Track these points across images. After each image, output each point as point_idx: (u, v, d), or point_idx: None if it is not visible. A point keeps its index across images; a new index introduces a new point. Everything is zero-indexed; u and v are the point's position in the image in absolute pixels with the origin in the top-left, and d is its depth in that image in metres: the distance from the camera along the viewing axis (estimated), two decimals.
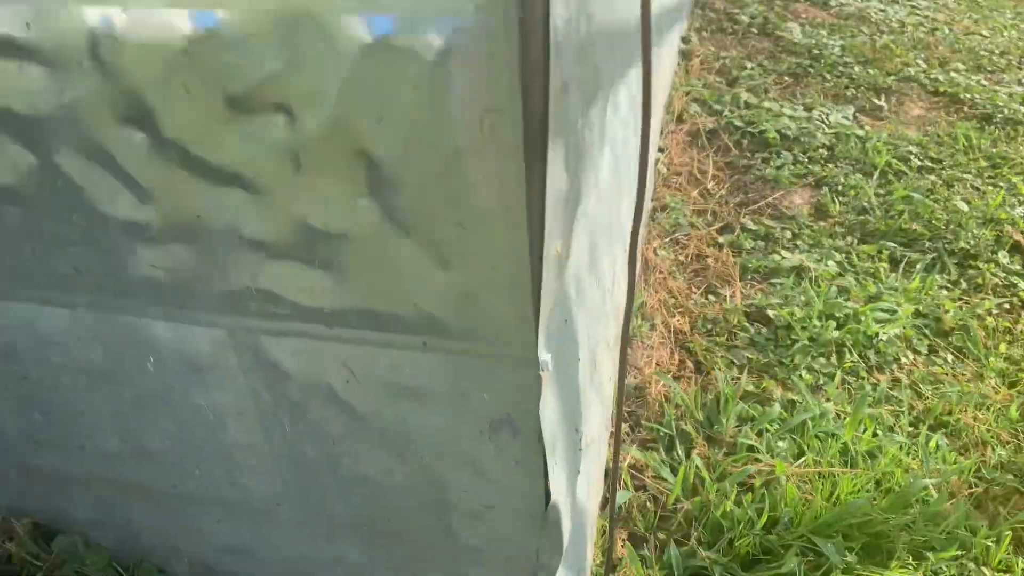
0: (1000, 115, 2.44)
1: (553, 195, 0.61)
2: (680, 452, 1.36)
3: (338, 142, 0.59)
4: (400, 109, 0.56)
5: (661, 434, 1.40)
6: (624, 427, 1.40)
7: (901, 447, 1.35)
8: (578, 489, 0.93)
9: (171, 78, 0.59)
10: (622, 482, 1.32)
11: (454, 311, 0.67)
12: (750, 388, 1.49)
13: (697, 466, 1.32)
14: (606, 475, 1.31)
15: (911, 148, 2.22)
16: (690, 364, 1.55)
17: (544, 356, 0.70)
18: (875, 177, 2.11)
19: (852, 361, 1.55)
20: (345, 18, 0.54)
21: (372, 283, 0.67)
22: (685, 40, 2.77)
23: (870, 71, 2.68)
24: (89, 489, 1.04)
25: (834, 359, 1.56)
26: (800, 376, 1.51)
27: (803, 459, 1.32)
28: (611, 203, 1.09)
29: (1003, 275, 1.80)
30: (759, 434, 1.39)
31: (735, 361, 1.56)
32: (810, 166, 2.16)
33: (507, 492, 0.81)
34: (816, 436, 1.36)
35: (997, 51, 2.96)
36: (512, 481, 0.80)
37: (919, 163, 2.16)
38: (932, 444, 1.37)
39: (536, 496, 0.80)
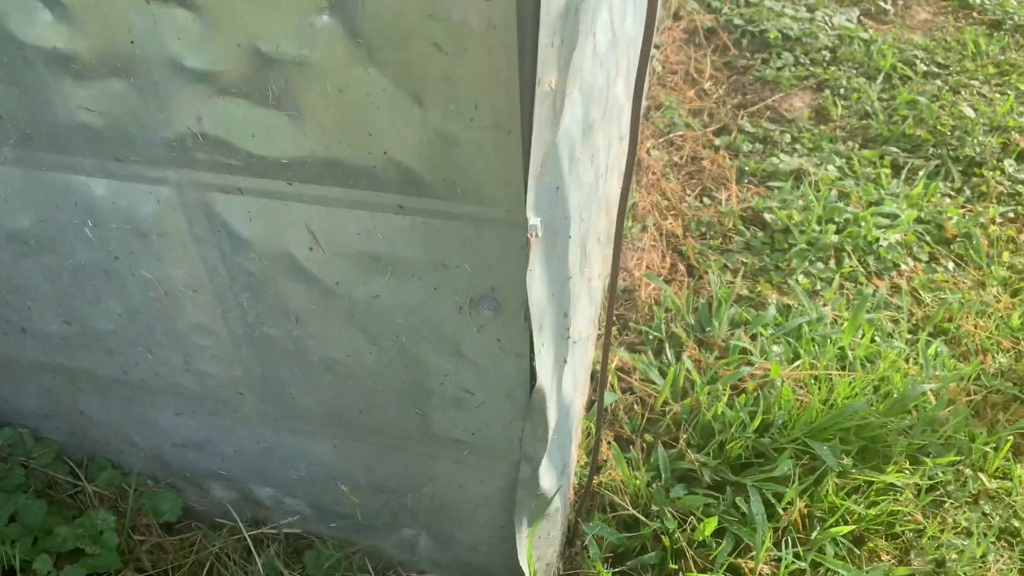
0: (1010, 21, 2.32)
1: (549, 8, 0.52)
2: (670, 355, 1.30)
3: None
4: None
5: (650, 337, 1.33)
6: (612, 329, 1.33)
7: (900, 353, 1.29)
8: (564, 380, 0.86)
9: None
10: (609, 385, 1.26)
11: (431, 161, 0.58)
12: (744, 292, 1.42)
13: (687, 368, 1.26)
14: (592, 378, 1.24)
15: (917, 53, 2.11)
16: (682, 267, 1.47)
17: (533, 220, 0.61)
18: (879, 81, 2.01)
19: (851, 266, 1.48)
20: None
21: (335, 125, 0.58)
22: None
23: None
24: (35, 377, 0.96)
25: (832, 264, 1.49)
26: (797, 280, 1.44)
27: (798, 362, 1.26)
28: (607, 75, 0.99)
29: (1008, 183, 1.73)
30: (753, 338, 1.32)
31: (729, 265, 1.48)
32: (812, 68, 2.05)
33: (489, 375, 0.74)
34: (813, 340, 1.30)
35: None
36: (495, 362, 0.72)
37: (925, 68, 2.06)
38: (931, 351, 1.32)
39: (520, 379, 0.73)
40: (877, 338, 1.34)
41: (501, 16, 0.49)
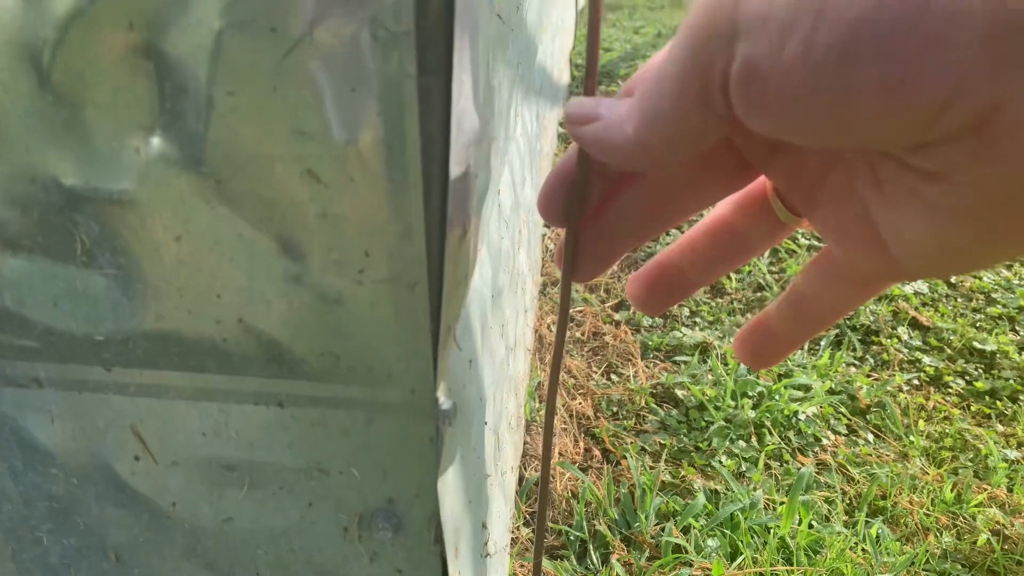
0: None
1: (461, 127, 0.40)
2: (595, 558, 1.12)
3: (108, 30, 0.35)
4: None
5: (571, 538, 1.16)
6: (526, 532, 1.15)
7: (845, 540, 1.17)
8: None
9: None
10: None
11: (304, 330, 0.43)
12: (667, 478, 1.28)
13: (617, 575, 1.08)
14: None
15: (799, 231, 2.18)
16: (597, 452, 1.33)
17: (445, 402, 0.46)
18: (766, 255, 2.03)
19: (773, 443, 1.38)
20: None
21: (170, 286, 0.42)
22: (563, 124, 2.70)
23: None
24: None
25: (754, 441, 1.38)
26: (721, 462, 1.32)
27: (740, 558, 1.11)
28: (512, 240, 0.89)
29: (906, 351, 1.72)
30: (685, 531, 1.17)
31: (647, 447, 1.35)
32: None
33: None
34: (751, 530, 1.16)
35: None
36: None
37: (807, 242, 2.11)
38: (873, 532, 1.20)
39: None
40: (815, 522, 1.21)
41: (399, 134, 0.36)
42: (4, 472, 0.51)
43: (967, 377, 1.65)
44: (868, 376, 1.62)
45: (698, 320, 1.75)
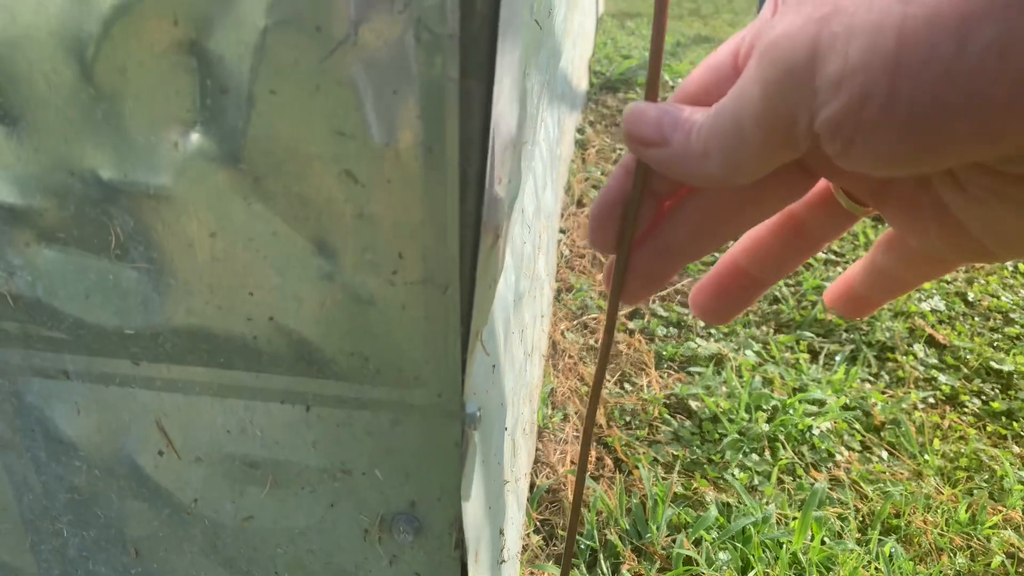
0: None
1: (499, 131, 0.39)
2: (606, 568, 1.11)
3: (153, 26, 0.35)
4: None
5: (582, 547, 1.15)
6: (536, 539, 1.15)
7: (858, 558, 1.16)
8: None
9: None
10: None
11: (335, 329, 0.43)
12: (679, 490, 1.28)
13: None
14: None
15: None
16: (609, 461, 1.32)
17: (472, 407, 0.46)
18: None
19: (787, 458, 1.37)
20: None
21: (203, 282, 0.42)
22: (580, 131, 2.70)
23: None
24: None
25: (768, 455, 1.38)
26: (734, 475, 1.31)
27: (752, 573, 1.10)
28: (533, 245, 0.89)
29: (922, 368, 1.70)
30: (696, 543, 1.16)
31: (660, 458, 1.34)
32: (717, 253, 2.05)
33: None
34: (763, 544, 1.15)
35: None
36: None
37: (824, 256, 2.10)
38: (886, 551, 1.19)
39: None
40: (827, 539, 1.20)
41: (439, 137, 0.36)
42: (27, 462, 0.51)
43: (983, 397, 1.64)
44: (883, 393, 1.61)
45: (713, 332, 1.75)
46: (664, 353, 1.64)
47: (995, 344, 1.81)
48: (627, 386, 1.53)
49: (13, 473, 0.52)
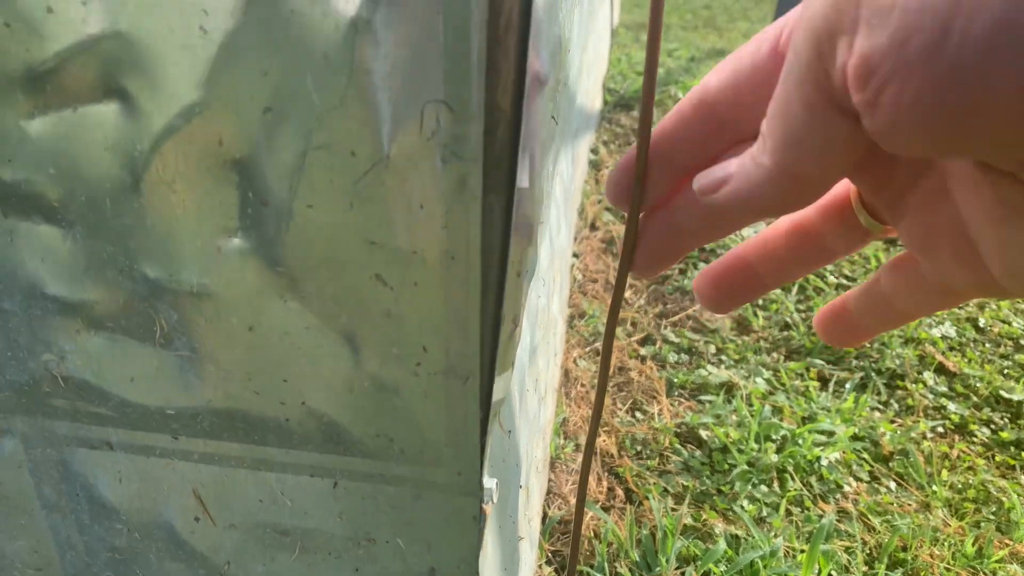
0: None
1: (519, 233, 0.42)
2: None
3: (200, 145, 0.39)
4: (300, 92, 0.36)
5: None
6: (548, 570, 1.17)
7: None
8: None
9: None
10: None
11: (362, 413, 0.46)
12: (689, 521, 1.30)
13: None
14: None
15: (826, 266, 2.19)
16: (620, 492, 1.35)
17: (489, 482, 0.49)
18: (794, 293, 2.04)
19: (795, 489, 1.39)
20: None
21: (241, 369, 0.45)
22: (594, 151, 2.73)
23: None
24: None
25: (776, 486, 1.40)
26: (742, 507, 1.33)
27: None
28: (547, 293, 0.92)
29: (932, 396, 1.72)
30: None
31: (670, 489, 1.37)
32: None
33: None
34: None
35: None
36: None
37: (835, 280, 2.12)
38: None
39: None
40: (834, 572, 1.22)
41: (462, 246, 0.39)
42: (71, 523, 0.55)
43: (992, 426, 1.65)
44: (892, 422, 1.62)
45: (724, 358, 1.77)
46: (675, 380, 1.66)
47: (1005, 371, 1.82)
48: (638, 415, 1.55)
49: (58, 533, 0.55)
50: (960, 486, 1.48)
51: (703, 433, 1.49)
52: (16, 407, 0.50)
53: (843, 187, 0.30)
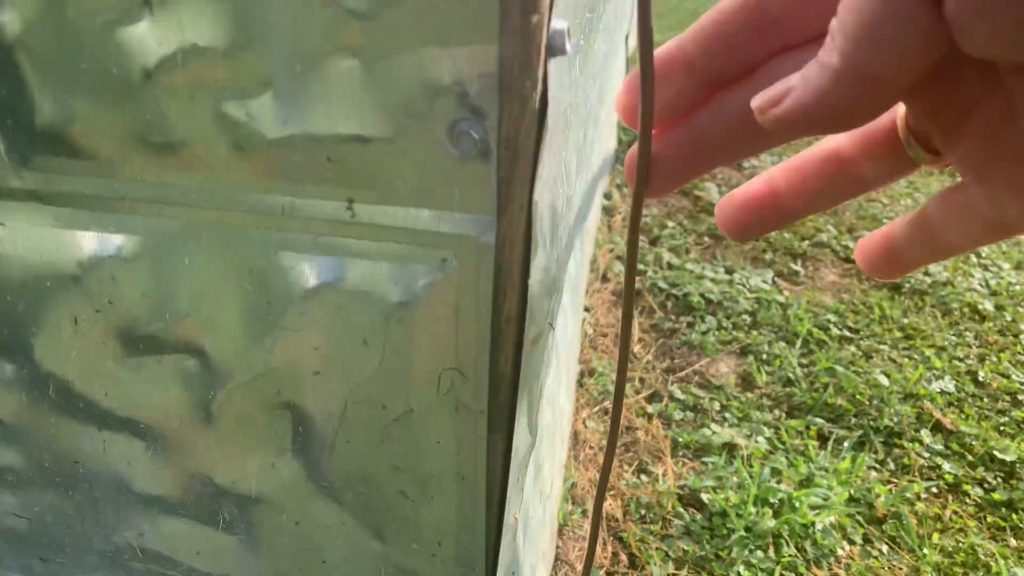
0: (907, 285, 2.53)
1: (517, 457, 0.52)
2: None
3: (261, 393, 0.48)
4: (343, 363, 0.46)
5: None
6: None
7: None
8: None
9: (56, 306, 0.48)
10: None
11: None
12: None
13: None
14: None
15: (830, 317, 2.26)
16: (624, 557, 1.44)
17: None
18: (798, 346, 2.12)
19: (790, 555, 1.48)
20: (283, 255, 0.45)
21: (288, 551, 0.55)
22: (607, 196, 2.81)
23: (785, 235, 2.77)
24: None
25: (772, 552, 1.48)
26: (739, 573, 1.42)
27: None
28: (553, 410, 1.01)
29: (927, 455, 1.79)
30: None
31: (671, 554, 1.46)
32: (734, 332, 2.15)
33: None
34: None
35: (896, 216, 3.12)
36: None
37: (838, 332, 2.19)
38: None
39: None
40: None
41: (470, 468, 0.49)
42: None
43: (985, 486, 1.72)
44: (887, 483, 1.70)
45: (728, 416, 1.85)
46: (680, 440, 1.74)
47: (1001, 428, 1.89)
48: (643, 476, 1.64)
49: None
50: (950, 549, 1.56)
51: (704, 496, 1.58)
52: (100, 567, 0.60)
53: (888, 116, 0.29)
